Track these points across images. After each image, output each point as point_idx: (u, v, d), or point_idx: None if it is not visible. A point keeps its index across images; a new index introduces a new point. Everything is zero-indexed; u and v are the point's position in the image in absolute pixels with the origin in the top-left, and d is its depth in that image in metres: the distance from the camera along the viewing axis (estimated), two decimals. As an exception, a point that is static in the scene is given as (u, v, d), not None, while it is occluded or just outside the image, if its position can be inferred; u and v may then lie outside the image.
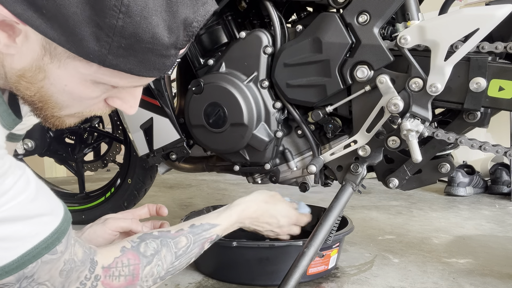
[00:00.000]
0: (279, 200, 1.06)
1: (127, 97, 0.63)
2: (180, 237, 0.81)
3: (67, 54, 0.54)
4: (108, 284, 0.69)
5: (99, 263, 0.69)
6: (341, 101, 1.05)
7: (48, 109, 0.60)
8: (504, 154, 0.95)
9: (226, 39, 1.19)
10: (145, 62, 0.55)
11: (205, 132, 1.16)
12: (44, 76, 0.56)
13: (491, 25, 0.87)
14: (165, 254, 0.77)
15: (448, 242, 1.57)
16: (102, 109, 0.64)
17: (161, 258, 0.76)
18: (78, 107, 0.61)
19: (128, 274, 0.71)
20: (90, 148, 1.81)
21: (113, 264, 0.70)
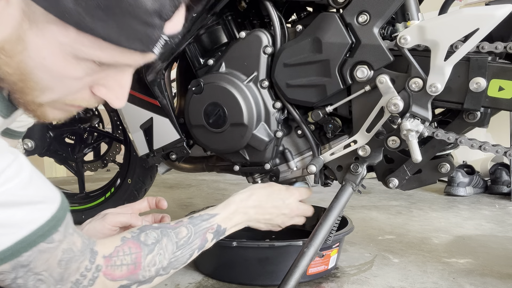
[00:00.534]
0: (275, 184, 1.06)
1: (113, 85, 0.59)
2: (180, 228, 0.79)
3: (45, 18, 0.51)
4: (110, 274, 0.67)
5: (100, 253, 0.67)
6: (341, 101, 1.05)
7: (28, 91, 0.56)
8: (504, 154, 0.95)
9: (226, 39, 1.19)
10: (125, 28, 0.52)
11: (205, 132, 1.16)
12: (23, 47, 0.53)
13: (491, 25, 0.87)
14: (166, 243, 0.75)
15: (448, 242, 1.57)
16: (87, 100, 0.60)
17: (162, 247, 0.74)
18: (60, 89, 0.57)
19: (130, 263, 0.70)
20: (90, 148, 1.81)
21: (114, 253, 0.69)
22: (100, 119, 1.81)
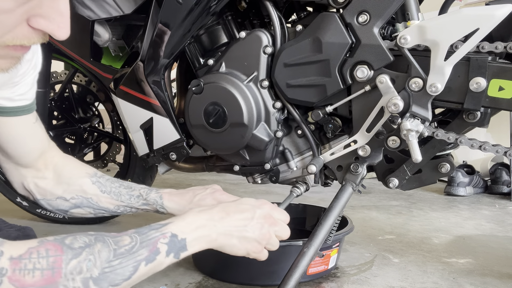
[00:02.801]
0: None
1: (51, 14, 0.51)
2: (122, 236, 0.66)
3: None
4: (18, 281, 0.54)
5: (6, 254, 0.55)
6: (341, 101, 1.05)
7: None
8: (504, 154, 0.95)
9: (226, 39, 1.19)
10: None
11: (205, 132, 1.16)
12: None
13: (491, 25, 0.87)
14: (99, 249, 0.61)
15: (448, 242, 1.57)
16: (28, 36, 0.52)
17: (93, 253, 0.60)
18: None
19: (46, 268, 0.56)
20: (90, 148, 1.81)
21: (25, 254, 0.56)
22: (100, 119, 1.81)
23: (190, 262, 1.34)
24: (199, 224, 0.76)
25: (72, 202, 0.97)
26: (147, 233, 0.69)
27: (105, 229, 1.65)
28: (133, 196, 1.02)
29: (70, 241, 0.60)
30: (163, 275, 1.26)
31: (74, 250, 0.59)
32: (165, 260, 0.69)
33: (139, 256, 0.65)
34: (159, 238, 0.69)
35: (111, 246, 0.63)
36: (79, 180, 0.97)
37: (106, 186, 1.00)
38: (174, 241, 0.70)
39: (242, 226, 0.81)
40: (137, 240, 0.66)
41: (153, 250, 0.67)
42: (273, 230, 0.85)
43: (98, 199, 0.98)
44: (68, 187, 0.96)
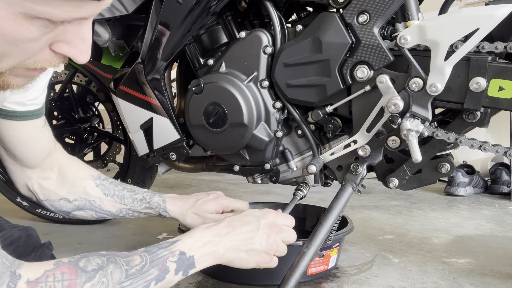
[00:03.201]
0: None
1: (74, 40, 0.52)
2: (133, 256, 0.67)
3: None
4: None
5: (23, 277, 0.56)
6: (341, 101, 1.05)
7: None
8: (504, 154, 0.95)
9: (226, 39, 1.19)
10: None
11: (205, 132, 1.16)
12: None
13: (491, 25, 0.87)
14: (112, 270, 0.63)
15: (448, 242, 1.57)
16: (49, 60, 0.53)
17: (106, 275, 0.62)
18: (18, 54, 0.51)
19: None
20: (90, 148, 1.81)
21: (42, 278, 0.57)
22: (100, 119, 1.81)
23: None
24: (206, 241, 0.77)
25: (75, 204, 0.98)
26: (156, 252, 0.70)
27: (105, 229, 1.65)
28: (136, 200, 1.03)
29: (84, 263, 0.62)
30: None
31: (87, 273, 0.60)
32: (174, 278, 0.70)
33: (149, 276, 0.66)
34: (168, 257, 0.70)
35: (123, 267, 0.64)
36: (83, 181, 0.98)
37: (110, 189, 1.01)
38: (183, 259, 0.72)
39: (249, 239, 0.82)
40: (147, 260, 0.67)
41: (162, 269, 0.69)
42: (280, 237, 0.86)
43: (101, 202, 0.99)
44: (72, 188, 0.97)
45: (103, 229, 1.66)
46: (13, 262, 0.57)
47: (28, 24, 0.48)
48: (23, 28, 0.48)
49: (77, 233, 1.59)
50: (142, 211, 1.04)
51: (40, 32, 0.49)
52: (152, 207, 1.04)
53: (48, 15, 0.48)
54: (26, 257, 0.76)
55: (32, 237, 0.81)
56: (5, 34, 0.48)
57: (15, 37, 0.48)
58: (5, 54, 0.50)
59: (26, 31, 0.48)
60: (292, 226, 0.90)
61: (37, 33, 0.49)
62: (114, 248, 1.45)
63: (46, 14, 0.47)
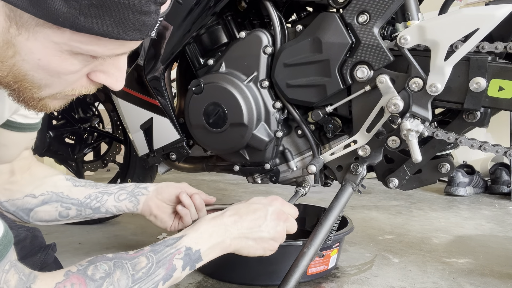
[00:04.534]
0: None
1: (111, 70, 0.56)
2: (139, 257, 0.67)
3: (35, 22, 0.48)
4: None
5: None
6: (341, 101, 1.05)
7: (26, 90, 0.54)
8: (504, 154, 0.95)
9: (226, 39, 1.19)
10: (122, 22, 0.48)
11: (205, 132, 1.16)
12: (14, 52, 0.50)
13: (491, 25, 0.87)
14: (119, 277, 0.64)
15: (448, 242, 1.57)
16: (86, 87, 0.57)
17: (113, 282, 0.63)
18: (58, 85, 0.55)
19: None
20: (90, 148, 1.81)
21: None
22: (100, 119, 1.81)
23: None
24: (212, 232, 0.76)
25: (40, 199, 0.94)
26: (162, 251, 0.70)
27: (105, 229, 1.65)
28: (110, 184, 1.01)
29: (91, 271, 0.63)
30: None
31: (95, 282, 0.62)
32: (181, 275, 0.71)
33: (156, 277, 0.67)
34: (174, 255, 0.70)
35: (129, 272, 0.65)
36: (52, 177, 0.95)
37: (81, 182, 0.98)
38: (189, 254, 0.72)
39: (257, 227, 0.81)
40: (153, 261, 0.68)
41: (169, 267, 0.69)
42: (286, 226, 0.86)
43: (69, 191, 0.95)
44: (40, 184, 0.94)
45: (103, 229, 1.66)
46: (28, 277, 0.58)
47: (72, 59, 0.52)
48: (68, 63, 0.52)
49: (77, 233, 1.59)
50: (114, 191, 0.99)
51: (81, 65, 0.53)
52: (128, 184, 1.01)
53: (92, 52, 0.52)
54: (32, 257, 0.77)
55: (37, 238, 0.80)
56: (50, 69, 0.52)
57: (58, 71, 0.52)
58: (47, 85, 0.54)
59: (70, 65, 0.52)
60: (296, 216, 0.90)
61: (78, 67, 0.53)
62: (114, 248, 1.45)
63: (91, 52, 0.52)
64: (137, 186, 1.02)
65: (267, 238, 0.82)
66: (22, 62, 0.51)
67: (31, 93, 0.54)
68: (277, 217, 0.84)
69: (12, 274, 0.56)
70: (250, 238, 0.81)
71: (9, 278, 0.55)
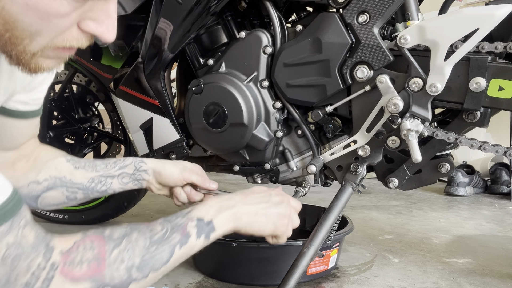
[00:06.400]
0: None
1: (101, 17, 0.55)
2: (154, 225, 0.68)
3: None
4: (68, 274, 0.56)
5: (57, 248, 0.57)
6: (341, 101, 1.05)
7: (18, 41, 0.53)
8: (504, 154, 0.95)
9: (226, 39, 1.19)
10: None
11: (205, 132, 1.16)
12: None
13: (491, 25, 0.87)
14: (136, 237, 0.64)
15: (448, 242, 1.57)
16: (77, 38, 0.56)
17: (131, 241, 0.63)
18: (49, 31, 0.53)
19: (92, 259, 0.59)
20: (90, 148, 1.81)
21: (73, 248, 0.58)
22: (100, 119, 1.81)
23: (190, 262, 1.34)
24: (221, 206, 0.76)
25: (44, 185, 0.92)
26: (175, 220, 0.70)
27: (105, 229, 1.65)
28: (109, 164, 0.98)
29: (109, 232, 0.63)
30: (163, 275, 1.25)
31: (114, 240, 0.61)
32: (197, 243, 0.70)
33: (173, 241, 0.67)
34: (187, 223, 0.70)
35: (146, 234, 0.65)
36: (54, 161, 0.94)
37: (80, 162, 0.96)
38: (202, 224, 0.71)
39: (264, 203, 0.82)
40: (168, 227, 0.68)
41: (184, 233, 0.69)
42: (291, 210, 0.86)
43: (72, 175, 0.94)
44: (43, 170, 0.92)
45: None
46: (46, 234, 0.57)
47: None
48: (56, 2, 0.51)
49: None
50: (116, 173, 0.98)
51: (71, 7, 0.52)
52: (127, 164, 0.98)
53: None
54: None
55: None
56: (39, 9, 0.51)
57: (47, 12, 0.51)
58: (38, 32, 0.52)
59: (59, 5, 0.51)
60: (299, 210, 0.90)
61: (68, 8, 0.52)
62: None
63: None
64: (137, 169, 1.00)
65: (275, 213, 0.83)
66: (11, 4, 0.50)
67: (23, 45, 0.54)
68: (282, 197, 0.86)
69: (28, 230, 0.55)
70: (260, 214, 0.80)
71: (26, 233, 0.54)
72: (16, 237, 0.53)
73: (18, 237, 0.53)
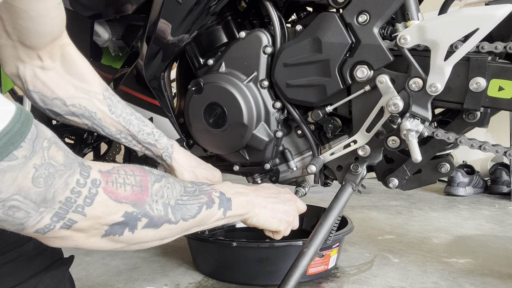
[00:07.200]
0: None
1: None
2: (185, 181, 0.67)
3: None
4: (113, 192, 0.53)
5: (95, 168, 0.53)
6: (341, 101, 1.05)
7: None
8: (504, 154, 0.95)
9: (226, 39, 1.19)
10: None
11: (205, 132, 1.16)
12: None
13: (491, 25, 0.87)
14: (173, 182, 0.62)
15: (448, 242, 1.57)
16: None
17: (169, 182, 0.61)
18: None
19: (135, 184, 0.56)
20: (90, 148, 1.81)
21: (113, 170, 0.55)
22: (100, 119, 1.81)
23: (190, 262, 1.34)
24: (237, 191, 0.76)
25: (71, 110, 0.87)
26: (202, 186, 0.69)
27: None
28: (143, 131, 0.97)
29: (149, 168, 0.60)
30: (163, 275, 1.26)
31: (154, 175, 0.59)
32: (217, 212, 0.70)
33: (201, 199, 0.66)
34: (212, 191, 0.70)
35: (181, 183, 0.64)
36: (89, 86, 0.87)
37: (117, 107, 0.93)
38: (223, 198, 0.71)
39: (274, 197, 0.84)
40: (196, 187, 0.67)
41: (210, 198, 0.68)
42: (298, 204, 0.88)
43: (103, 117, 0.90)
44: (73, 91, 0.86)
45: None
46: (77, 156, 0.53)
47: None
48: None
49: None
50: (143, 143, 0.97)
51: None
52: (157, 146, 0.98)
53: None
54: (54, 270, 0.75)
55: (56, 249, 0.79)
56: None
57: None
58: None
59: None
60: (304, 211, 0.91)
61: None
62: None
63: None
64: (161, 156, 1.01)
65: (282, 209, 0.83)
66: None
67: None
68: (290, 196, 0.88)
69: (55, 151, 0.49)
70: (268, 208, 0.81)
71: (53, 154, 0.49)
72: (43, 158, 0.48)
73: (45, 158, 0.48)
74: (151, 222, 0.57)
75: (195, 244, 1.29)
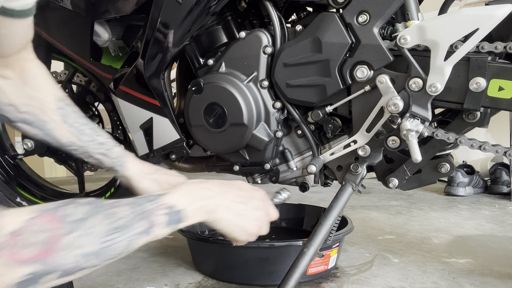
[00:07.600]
0: None
1: None
2: (120, 206, 0.62)
3: None
4: (15, 255, 0.52)
5: (6, 228, 0.52)
6: (341, 101, 1.05)
7: None
8: (503, 154, 0.95)
9: (225, 39, 1.19)
10: None
11: (205, 132, 1.16)
12: None
13: (491, 25, 0.87)
14: (100, 221, 0.58)
15: (448, 242, 1.57)
16: None
17: (90, 227, 0.57)
18: None
19: (42, 242, 0.54)
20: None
21: (24, 228, 0.53)
22: (100, 119, 1.80)
23: (190, 262, 1.34)
24: (197, 194, 0.72)
25: (22, 116, 0.86)
26: (144, 205, 0.65)
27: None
28: (95, 141, 0.93)
29: (69, 211, 0.57)
30: (163, 275, 1.26)
31: (71, 223, 0.56)
32: (161, 232, 0.66)
33: (136, 230, 0.62)
34: (155, 210, 0.65)
35: (109, 218, 0.60)
36: (43, 95, 0.87)
37: (71, 117, 0.90)
38: (171, 213, 0.67)
39: (242, 204, 0.78)
40: (134, 211, 0.63)
41: (150, 222, 0.64)
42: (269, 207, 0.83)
43: (54, 127, 0.89)
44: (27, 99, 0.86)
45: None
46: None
47: None
48: None
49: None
50: (94, 155, 0.93)
51: None
52: (109, 156, 0.93)
53: None
54: None
55: None
56: None
57: None
58: None
59: None
60: (275, 218, 0.85)
61: None
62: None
63: None
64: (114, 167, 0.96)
65: (249, 217, 0.79)
66: None
67: None
68: (262, 203, 0.82)
69: None
70: (233, 212, 0.76)
71: None
72: None
73: None
74: (66, 273, 0.56)
75: (195, 244, 1.29)
